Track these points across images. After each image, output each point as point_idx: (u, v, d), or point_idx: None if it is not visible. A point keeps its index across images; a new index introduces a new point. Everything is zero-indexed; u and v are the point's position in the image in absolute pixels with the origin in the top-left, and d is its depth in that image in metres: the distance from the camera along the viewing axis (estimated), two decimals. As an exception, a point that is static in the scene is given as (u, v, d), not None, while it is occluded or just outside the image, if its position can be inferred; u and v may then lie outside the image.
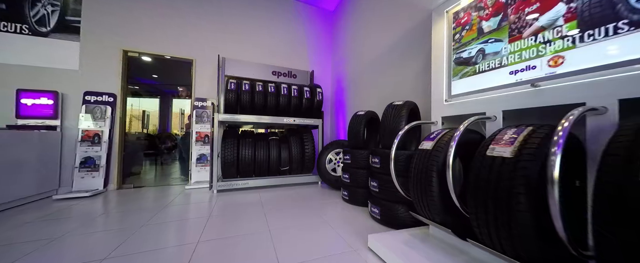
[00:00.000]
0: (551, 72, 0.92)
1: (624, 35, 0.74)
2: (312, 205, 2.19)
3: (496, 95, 1.12)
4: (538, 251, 0.75)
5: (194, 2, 3.34)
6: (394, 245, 1.24)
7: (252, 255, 1.24)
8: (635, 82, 0.72)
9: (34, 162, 2.36)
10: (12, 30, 2.52)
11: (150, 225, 1.68)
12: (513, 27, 1.05)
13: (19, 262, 1.17)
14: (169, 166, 5.07)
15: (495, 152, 0.86)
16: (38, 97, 2.53)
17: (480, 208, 0.87)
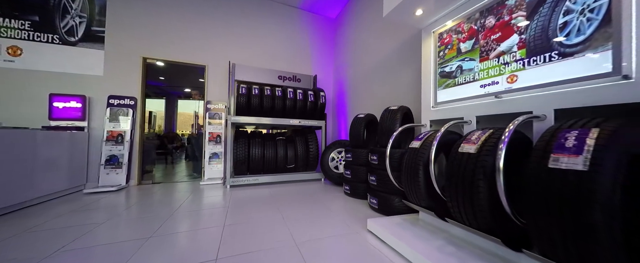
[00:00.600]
0: (509, 87, 1.18)
1: (556, 62, 1.01)
2: (317, 198, 2.45)
3: (471, 104, 1.38)
4: (493, 222, 1.01)
5: (206, 12, 3.60)
6: (389, 226, 1.50)
7: (272, 235, 1.50)
8: (564, 96, 0.98)
9: (65, 160, 2.62)
10: (45, 40, 2.78)
11: (179, 212, 1.94)
12: (482, 50, 1.31)
13: (82, 239, 1.42)
14: (178, 164, 5.33)
15: (464, 149, 1.12)
16: (68, 101, 2.79)
17: (453, 193, 1.13)
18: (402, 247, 1.27)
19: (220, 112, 3.53)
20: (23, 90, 2.69)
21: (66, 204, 2.22)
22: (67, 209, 2.06)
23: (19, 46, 2.69)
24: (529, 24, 1.10)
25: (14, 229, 1.58)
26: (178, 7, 3.42)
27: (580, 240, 0.70)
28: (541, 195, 0.78)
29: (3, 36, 2.64)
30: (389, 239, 1.39)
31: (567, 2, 0.97)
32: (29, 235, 1.50)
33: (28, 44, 2.72)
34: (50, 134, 2.54)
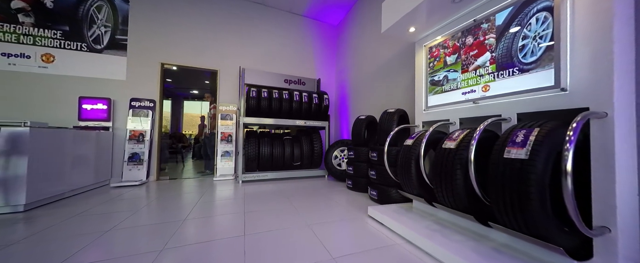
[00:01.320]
0: (483, 94, 1.44)
1: (517, 76, 1.27)
2: (322, 192, 2.71)
3: (455, 108, 1.65)
4: (467, 203, 1.28)
5: (219, 20, 3.87)
6: (387, 212, 1.76)
7: (286, 218, 1.76)
8: (524, 103, 1.25)
9: (93, 157, 2.89)
10: (74, 48, 3.06)
11: (202, 202, 2.21)
12: (463, 63, 1.58)
13: (128, 220, 1.69)
14: (187, 162, 5.60)
15: (447, 145, 1.39)
16: (95, 103, 3.07)
17: (438, 181, 1.39)
18: (397, 227, 1.54)
19: (231, 113, 3.80)
20: (55, 94, 2.96)
21: (99, 196, 2.49)
22: (103, 199, 2.33)
23: (52, 54, 2.96)
24: (497, 45, 1.37)
25: (66, 214, 1.85)
26: (193, 16, 3.69)
27: (523, 209, 0.96)
28: (498, 179, 1.04)
29: (38, 45, 2.92)
30: (386, 221, 1.66)
31: (524, 29, 1.24)
32: (83, 217, 1.77)
33: (59, 52, 2.99)
34: (81, 133, 2.81)
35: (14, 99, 2.82)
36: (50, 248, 1.28)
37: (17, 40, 2.85)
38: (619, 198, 0.94)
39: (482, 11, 1.47)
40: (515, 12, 1.29)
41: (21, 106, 2.83)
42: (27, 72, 2.87)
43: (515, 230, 1.05)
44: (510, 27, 1.31)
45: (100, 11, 3.19)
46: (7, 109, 2.78)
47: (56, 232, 1.50)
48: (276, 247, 1.31)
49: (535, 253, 1.11)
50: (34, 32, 2.91)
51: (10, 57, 2.81)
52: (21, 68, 2.85)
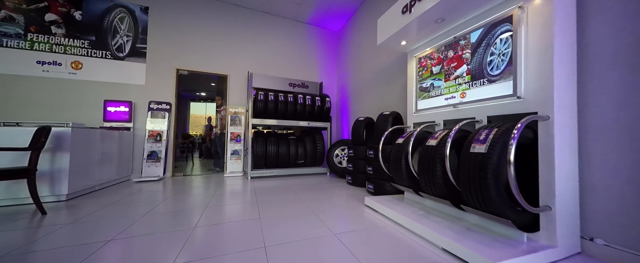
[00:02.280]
0: (461, 100, 1.71)
1: (487, 86, 1.54)
2: (325, 187, 2.99)
3: (439, 111, 1.91)
4: (445, 190, 1.54)
5: (228, 29, 4.17)
6: (381, 201, 2.03)
7: (294, 207, 2.04)
8: (492, 107, 1.51)
9: (116, 154, 3.19)
10: (100, 56, 3.37)
11: (218, 194, 2.49)
12: (446, 73, 1.84)
13: (160, 206, 1.97)
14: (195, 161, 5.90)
15: (430, 143, 1.65)
16: (118, 106, 3.37)
17: (422, 173, 1.66)
18: (388, 212, 1.81)
19: (240, 114, 4.10)
20: (83, 97, 3.27)
21: (126, 189, 2.78)
22: (130, 192, 2.62)
23: (80, 61, 3.28)
24: (472, 59, 1.64)
25: (103, 202, 2.15)
26: (205, 25, 4.00)
27: (483, 193, 1.23)
28: (466, 169, 1.31)
29: (68, 53, 3.23)
30: (379, 208, 1.93)
31: (492, 47, 1.51)
32: (119, 205, 2.06)
33: (87, 60, 3.30)
34: (107, 133, 3.10)
35: (47, 102, 3.13)
36: (99, 227, 1.56)
37: (50, 49, 3.17)
38: (558, 184, 1.20)
39: (460, 30, 1.74)
40: (485, 33, 1.55)
41: (53, 108, 3.14)
42: (59, 78, 3.18)
43: (479, 210, 1.31)
44: (481, 44, 1.58)
45: (122, 22, 3.50)
46: (41, 111, 3.09)
47: (100, 215, 1.79)
48: (287, 227, 1.58)
49: (497, 230, 1.37)
50: (64, 42, 3.22)
51: (44, 64, 3.13)
52: (53, 74, 3.16)
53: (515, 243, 1.21)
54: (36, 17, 3.12)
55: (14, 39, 3.03)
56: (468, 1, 1.51)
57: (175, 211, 1.90)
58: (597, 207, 1.25)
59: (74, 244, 1.29)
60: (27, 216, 1.75)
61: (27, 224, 1.59)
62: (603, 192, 1.23)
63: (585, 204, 1.29)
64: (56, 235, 1.42)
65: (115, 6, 3.47)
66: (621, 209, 1.17)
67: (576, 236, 1.27)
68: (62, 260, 1.13)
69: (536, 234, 1.25)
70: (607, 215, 1.21)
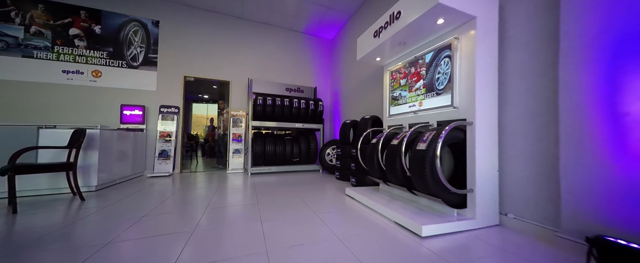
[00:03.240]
0: (419, 108, 2.12)
1: (435, 97, 1.95)
2: (316, 181, 3.40)
3: (405, 116, 2.33)
4: (404, 179, 1.96)
5: (230, 38, 4.59)
6: (358, 191, 2.44)
7: (289, 198, 2.45)
8: (439, 115, 1.92)
9: (131, 153, 3.60)
10: (117, 65, 3.79)
11: (223, 187, 2.91)
12: (410, 86, 2.26)
13: (176, 194, 2.39)
14: (199, 159, 6.32)
15: (393, 142, 2.07)
16: (133, 110, 3.79)
17: (388, 167, 2.07)
18: (362, 199, 2.22)
19: (241, 117, 4.51)
20: (102, 102, 3.69)
21: (142, 182, 3.20)
22: (146, 185, 3.04)
23: (100, 70, 3.70)
24: (426, 75, 2.05)
25: (126, 192, 2.56)
26: (210, 36, 4.41)
27: (423, 180, 1.64)
28: (413, 162, 1.72)
29: (89, 63, 3.65)
30: (356, 196, 2.34)
31: (439, 67, 1.92)
32: (140, 194, 2.48)
33: (105, 68, 3.73)
34: (124, 134, 3.52)
35: (71, 107, 3.55)
36: (130, 209, 1.98)
37: (74, 60, 3.59)
38: (479, 172, 1.61)
39: (418, 51, 2.15)
40: (435, 55, 1.97)
41: (77, 112, 3.56)
42: (81, 85, 3.60)
43: (423, 193, 1.73)
44: (432, 64, 2.00)
45: (136, 35, 3.92)
46: (67, 115, 3.51)
47: (127, 202, 2.21)
48: (280, 210, 2.00)
49: (439, 208, 1.79)
50: (86, 53, 3.64)
51: (69, 73, 3.55)
52: (76, 82, 3.58)
53: (446, 217, 1.63)
54: (61, 32, 3.54)
55: (43, 51, 3.45)
56: (419, 30, 1.92)
57: (188, 198, 2.32)
58: (511, 190, 1.67)
59: (113, 220, 1.71)
60: (69, 202, 2.17)
61: (76, 207, 2.01)
62: (515, 178, 1.64)
63: (503, 188, 1.70)
64: (98, 214, 1.84)
65: (129, 20, 3.89)
66: (526, 191, 1.58)
67: (495, 212, 1.68)
68: (109, 229, 1.55)
69: (464, 210, 1.66)
70: (517, 195, 1.63)
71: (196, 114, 12.61)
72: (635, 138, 1.07)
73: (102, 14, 3.74)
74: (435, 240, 1.42)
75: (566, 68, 1.32)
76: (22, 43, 3.37)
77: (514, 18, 1.71)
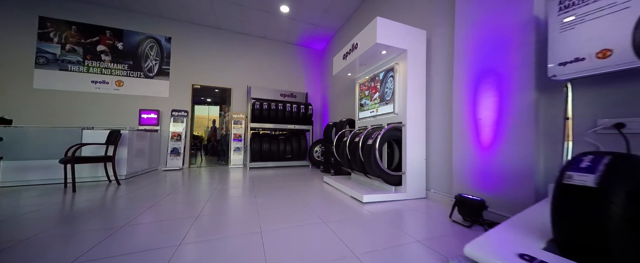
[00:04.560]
0: (377, 114, 2.80)
1: (385, 106, 2.62)
2: (305, 174, 4.06)
3: (368, 120, 3.00)
4: (362, 167, 2.62)
5: (231, 51, 5.26)
6: (333, 178, 3.11)
7: (281, 186, 3.12)
8: (388, 119, 2.59)
9: (148, 150, 4.27)
10: (136, 76, 4.47)
11: (227, 178, 3.57)
12: (371, 96, 2.93)
13: (190, 182, 3.05)
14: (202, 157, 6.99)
15: (355, 139, 2.73)
16: (149, 113, 4.46)
17: (352, 157, 2.74)
18: (334, 184, 2.88)
19: (241, 119, 5.19)
20: (124, 107, 4.37)
21: (158, 175, 3.87)
22: (162, 176, 3.71)
23: (122, 80, 4.38)
24: (380, 88, 2.73)
25: (149, 181, 3.23)
26: (214, 49, 5.09)
27: (370, 165, 2.31)
28: (366, 153, 2.39)
29: (113, 74, 4.33)
30: (330, 182, 3.01)
31: (387, 84, 2.59)
32: (159, 182, 3.14)
33: (127, 79, 4.40)
34: (142, 134, 4.19)
35: (99, 111, 4.23)
36: (155, 192, 2.64)
37: (100, 72, 4.27)
38: (409, 159, 2.28)
39: (375, 71, 2.83)
40: (385, 74, 2.64)
41: (104, 116, 4.24)
42: (107, 93, 4.28)
43: (373, 176, 2.39)
44: (383, 81, 2.67)
45: (152, 50, 4.60)
46: (96, 118, 4.19)
47: (151, 187, 2.87)
48: (271, 194, 2.66)
49: (384, 187, 2.45)
50: (110, 66, 4.32)
51: (97, 83, 4.23)
52: (103, 90, 4.26)
53: (386, 192, 2.29)
54: (90, 48, 4.22)
55: (75, 65, 4.13)
56: (372, 57, 2.60)
57: (198, 186, 2.99)
58: (433, 173, 2.33)
59: (147, 198, 2.38)
60: (108, 186, 2.84)
61: (114, 190, 2.68)
62: (436, 164, 2.31)
63: (428, 171, 2.37)
64: (133, 194, 2.51)
65: (146, 38, 4.57)
66: (441, 173, 2.25)
67: (423, 188, 2.35)
68: (143, 202, 2.21)
69: (399, 187, 2.33)
70: (437, 176, 2.30)
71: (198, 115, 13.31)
72: (483, 135, 1.74)
73: (124, 32, 4.43)
74: (374, 205, 2.08)
75: (455, 92, 2.00)
76: (59, 58, 4.05)
77: (434, 52, 2.39)
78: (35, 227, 1.49)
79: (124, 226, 1.53)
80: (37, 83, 3.91)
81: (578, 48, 1.18)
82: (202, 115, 13.11)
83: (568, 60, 1.22)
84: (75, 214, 1.77)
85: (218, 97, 10.25)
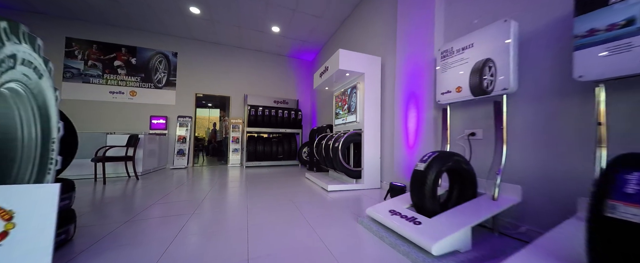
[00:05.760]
0: (346, 121, 3.46)
1: (351, 115, 3.29)
2: (293, 172, 4.72)
3: (341, 126, 3.66)
4: (333, 165, 3.28)
5: (230, 62, 5.93)
6: (312, 174, 3.76)
7: (273, 181, 3.77)
8: (354, 126, 3.25)
9: (157, 150, 4.93)
10: (147, 87, 5.14)
11: (227, 174, 4.23)
12: (342, 107, 3.59)
13: (197, 178, 3.71)
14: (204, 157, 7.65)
15: (328, 143, 3.39)
16: (159, 119, 5.14)
17: (326, 157, 3.39)
18: (313, 179, 3.54)
19: (238, 124, 5.86)
20: (137, 114, 5.04)
21: (167, 172, 4.53)
22: (171, 174, 4.37)
23: (135, 90, 5.05)
24: (348, 101, 3.39)
25: (161, 177, 3.89)
26: (215, 62, 5.77)
27: (336, 163, 2.97)
28: (333, 153, 3.05)
29: (128, 86, 5.01)
30: (310, 177, 3.66)
31: (353, 97, 3.25)
32: (170, 178, 3.80)
33: (139, 89, 5.08)
34: (153, 137, 4.85)
35: (115, 118, 4.90)
36: (169, 184, 3.31)
37: (117, 83, 4.94)
38: (366, 158, 2.94)
39: (345, 86, 3.49)
40: (351, 90, 3.30)
41: (120, 122, 4.91)
42: (122, 102, 4.95)
43: (340, 171, 3.05)
44: (351, 95, 3.33)
45: (161, 64, 5.28)
46: (112, 124, 4.86)
47: (162, 182, 3.54)
48: (263, 187, 3.32)
49: (348, 180, 3.11)
50: (126, 78, 5.00)
51: (114, 93, 4.90)
52: (119, 100, 4.93)
53: (349, 183, 2.95)
54: (109, 63, 4.90)
55: (96, 78, 4.81)
56: (340, 77, 3.26)
57: (203, 180, 3.66)
58: (385, 168, 2.99)
59: (164, 188, 3.04)
60: (128, 181, 3.50)
61: (134, 183, 3.34)
62: (387, 162, 2.97)
63: (383, 167, 3.03)
64: (151, 186, 3.17)
65: (156, 53, 5.25)
66: (389, 169, 2.91)
67: (378, 180, 3.00)
68: (165, 191, 2.88)
69: (360, 180, 2.99)
70: (387, 171, 2.95)
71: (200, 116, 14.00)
72: (410, 139, 2.40)
73: (137, 49, 5.11)
74: (337, 193, 2.73)
75: (396, 106, 2.66)
76: (82, 73, 4.73)
77: (386, 74, 3.05)
78: (109, 203, 2.15)
79: (156, 202, 2.19)
80: (65, 94, 4.58)
81: (447, 84, 1.85)
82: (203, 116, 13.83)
83: (443, 92, 1.88)
84: (120, 197, 2.43)
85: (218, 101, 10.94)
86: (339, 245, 1.35)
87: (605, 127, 1.06)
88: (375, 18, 3.46)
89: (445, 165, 1.44)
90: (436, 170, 1.42)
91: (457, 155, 1.52)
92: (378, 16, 3.38)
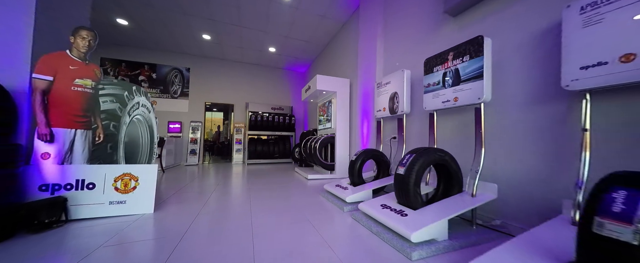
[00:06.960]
0: (327, 127, 4.45)
1: (328, 123, 4.28)
2: (286, 168, 5.71)
3: (322, 131, 4.65)
4: (316, 161, 4.26)
5: (234, 75, 6.94)
6: (302, 169, 4.75)
7: (266, 175, 4.77)
8: (330, 131, 4.24)
9: (174, 150, 5.92)
10: (165, 97, 6.16)
11: (229, 170, 5.23)
12: (323, 115, 4.58)
13: (209, 173, 4.71)
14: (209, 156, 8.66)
15: (312, 143, 4.38)
16: (175, 124, 6.15)
17: (311, 155, 4.38)
18: (301, 172, 4.53)
19: (241, 128, 6.86)
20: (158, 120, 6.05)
21: (183, 168, 5.54)
22: (186, 170, 5.37)
23: (155, 100, 6.08)
24: (326, 112, 4.38)
25: (179, 172, 4.90)
26: (221, 75, 6.78)
27: (314, 159, 3.95)
28: (313, 152, 4.04)
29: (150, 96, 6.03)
30: (298, 171, 4.65)
31: (330, 108, 4.24)
32: (187, 173, 4.81)
33: (159, 99, 6.10)
34: (171, 139, 5.86)
35: (139, 123, 5.92)
36: (186, 177, 4.31)
37: (141, 95, 5.97)
38: (337, 156, 3.93)
39: (325, 100, 4.49)
40: (328, 103, 4.29)
41: (143, 126, 5.93)
42: (145, 110, 5.97)
43: (320, 166, 4.04)
44: (328, 107, 4.32)
45: (176, 78, 6.30)
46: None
47: (181, 175, 4.54)
48: (262, 179, 4.32)
49: (325, 172, 4.10)
50: (148, 91, 6.01)
51: (138, 103, 5.92)
52: (142, 108, 5.95)
53: (325, 174, 3.94)
54: (134, 78, 5.92)
55: (124, 91, 5.83)
56: (320, 93, 4.26)
57: (215, 173, 4.66)
58: (353, 163, 3.97)
59: (183, 179, 4.05)
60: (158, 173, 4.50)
61: (164, 174, 4.35)
62: (353, 158, 3.95)
63: (350, 162, 4.01)
64: (173, 177, 4.17)
65: (172, 69, 6.27)
66: (354, 162, 3.90)
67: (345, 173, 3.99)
68: (186, 179, 3.89)
69: (333, 172, 3.97)
70: (354, 165, 3.93)
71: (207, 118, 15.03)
72: (363, 142, 3.39)
73: (157, 66, 6.13)
74: (315, 181, 3.71)
75: (356, 118, 3.64)
76: (113, 86, 5.75)
77: (353, 92, 4.04)
78: (142, 186, 3.15)
79: (185, 186, 3.18)
80: (100, 104, 5.60)
81: (379, 105, 2.84)
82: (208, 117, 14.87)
83: (378, 110, 2.87)
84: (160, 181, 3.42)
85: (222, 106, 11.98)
86: (309, 208, 2.34)
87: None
88: (348, 47, 4.46)
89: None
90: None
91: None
92: (349, 47, 4.39)
